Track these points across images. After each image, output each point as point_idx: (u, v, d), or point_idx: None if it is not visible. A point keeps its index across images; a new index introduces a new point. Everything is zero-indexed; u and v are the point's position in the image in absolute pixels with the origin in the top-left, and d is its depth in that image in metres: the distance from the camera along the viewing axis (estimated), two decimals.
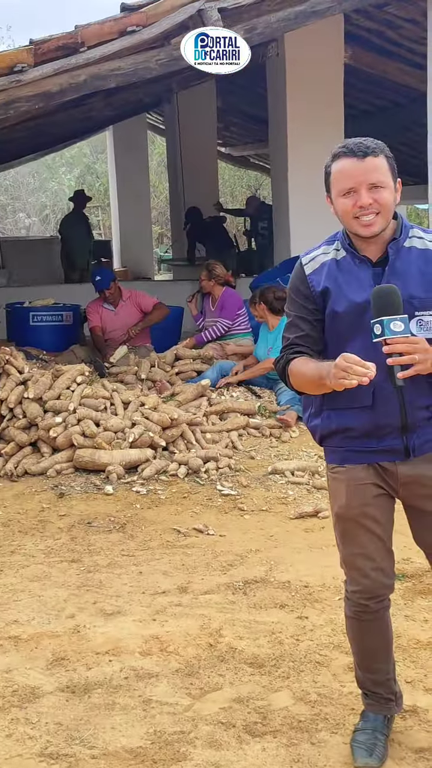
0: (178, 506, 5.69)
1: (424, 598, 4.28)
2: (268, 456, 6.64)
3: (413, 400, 2.78)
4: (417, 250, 2.82)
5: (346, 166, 2.72)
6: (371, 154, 2.70)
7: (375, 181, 2.70)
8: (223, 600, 4.31)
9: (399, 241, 2.81)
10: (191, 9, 6.46)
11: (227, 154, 20.80)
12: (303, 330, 2.87)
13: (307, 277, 2.88)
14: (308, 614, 4.13)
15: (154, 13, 6.45)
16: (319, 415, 2.93)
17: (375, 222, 2.72)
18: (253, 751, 3.08)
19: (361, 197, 2.69)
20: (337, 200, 2.76)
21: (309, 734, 3.17)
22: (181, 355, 8.35)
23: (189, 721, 3.26)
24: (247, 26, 6.86)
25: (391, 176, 2.76)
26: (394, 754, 3.06)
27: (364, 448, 2.86)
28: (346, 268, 2.83)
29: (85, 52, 6.40)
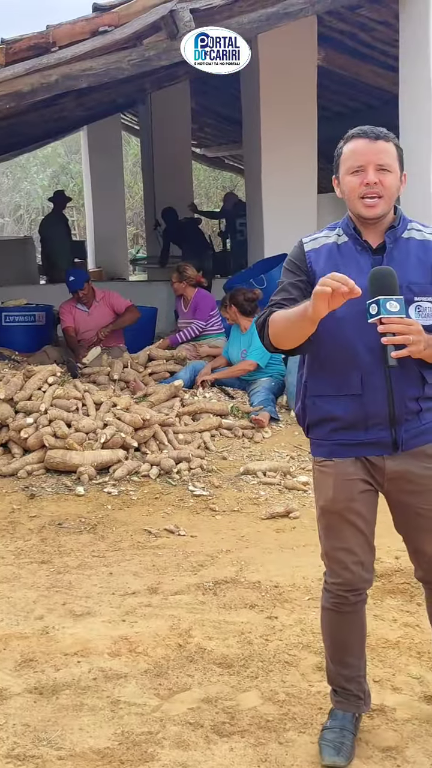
0: (150, 507, 5.68)
1: (393, 597, 4.30)
2: (240, 457, 6.65)
3: (402, 390, 2.82)
4: (416, 240, 2.89)
5: (357, 146, 2.82)
6: (383, 138, 2.82)
7: (383, 163, 2.79)
8: (193, 600, 4.31)
9: (397, 231, 2.88)
10: (163, 9, 6.45)
11: (202, 155, 20.84)
12: (292, 294, 2.89)
13: (306, 253, 2.93)
14: (278, 614, 4.14)
15: (126, 13, 6.44)
16: (305, 402, 2.97)
17: (378, 204, 2.80)
18: (220, 751, 3.08)
19: (368, 175, 2.78)
20: (344, 178, 2.85)
21: (277, 734, 3.18)
22: (154, 355, 8.36)
23: (157, 721, 3.26)
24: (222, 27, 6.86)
25: (399, 165, 2.84)
26: (361, 753, 3.07)
27: (351, 441, 2.89)
28: (346, 253, 2.88)
29: (57, 52, 6.38)
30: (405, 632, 3.95)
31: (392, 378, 2.80)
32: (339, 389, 2.86)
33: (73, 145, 27.80)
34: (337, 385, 2.85)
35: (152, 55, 6.74)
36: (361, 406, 2.84)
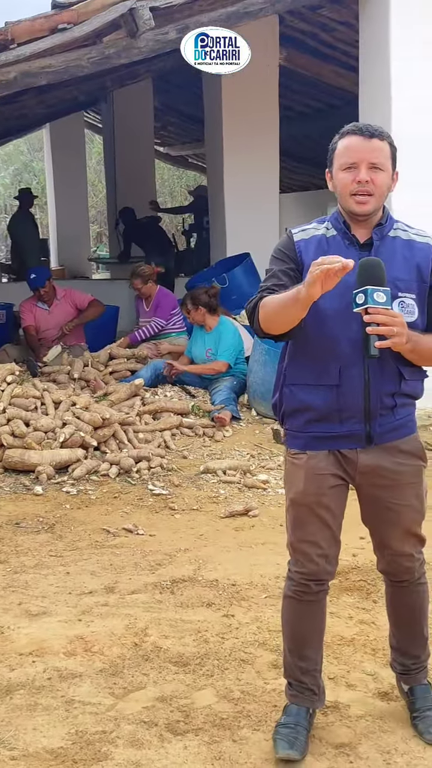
0: (109, 506, 5.67)
1: (350, 595, 4.32)
2: (200, 455, 6.65)
3: (379, 384, 2.87)
4: (401, 240, 2.95)
5: (352, 143, 2.86)
6: (377, 136, 2.85)
7: (376, 162, 2.84)
8: (150, 599, 4.30)
9: (384, 228, 2.94)
10: (122, 8, 6.43)
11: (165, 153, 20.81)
12: (282, 281, 2.91)
13: (296, 242, 2.96)
14: (234, 612, 4.15)
15: (85, 11, 6.41)
16: (283, 391, 3.02)
17: (368, 201, 2.84)
18: (174, 750, 3.08)
19: (361, 173, 2.82)
20: (338, 174, 2.89)
21: (231, 731, 3.19)
22: (115, 354, 8.34)
23: (111, 720, 3.26)
24: (179, 26, 6.86)
25: (391, 164, 2.89)
26: (314, 749, 3.08)
27: (326, 433, 2.93)
28: (334, 246, 2.91)
29: (15, 49, 6.34)
30: (360, 629, 3.98)
31: (371, 372, 2.85)
32: (317, 379, 2.90)
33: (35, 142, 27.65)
34: (315, 375, 2.90)
35: (112, 53, 6.72)
36: (337, 397, 2.88)
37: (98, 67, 6.81)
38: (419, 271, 2.93)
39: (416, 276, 2.92)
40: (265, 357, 7.43)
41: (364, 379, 2.86)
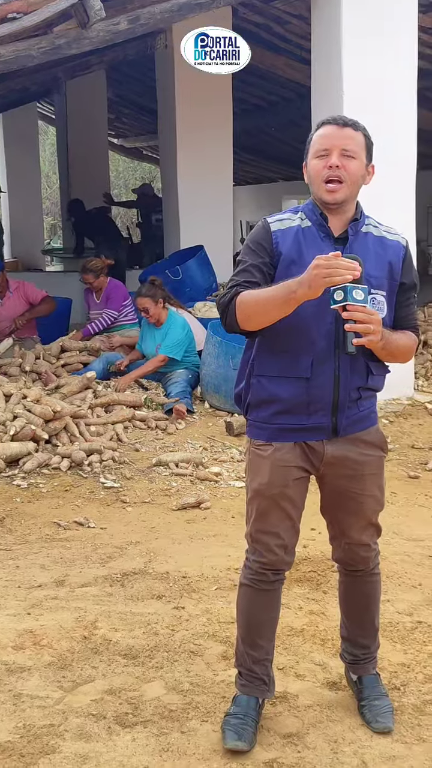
0: (60, 499, 5.64)
1: (300, 585, 4.35)
2: (153, 448, 6.64)
3: (348, 379, 2.90)
4: (373, 236, 2.98)
5: (326, 131, 2.92)
6: (351, 126, 2.91)
7: (348, 149, 2.86)
8: (100, 592, 4.29)
9: (359, 223, 2.95)
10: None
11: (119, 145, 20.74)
12: (255, 278, 2.89)
13: (272, 232, 2.94)
14: (185, 604, 4.15)
15: (36, 0, 6.35)
16: (250, 382, 3.01)
17: (339, 189, 2.85)
18: (122, 742, 3.08)
19: (332, 158, 2.84)
20: (311, 162, 2.92)
21: (180, 723, 3.19)
22: (67, 346, 8.29)
23: (59, 714, 3.25)
24: (131, 16, 6.81)
25: (365, 154, 2.91)
26: (262, 740, 3.10)
27: (293, 426, 2.95)
28: (309, 238, 2.92)
29: None
30: (310, 620, 4.00)
31: (341, 366, 2.88)
32: (287, 371, 2.90)
33: None
34: (286, 367, 2.90)
35: (63, 43, 6.66)
36: (307, 390, 2.90)
37: (49, 57, 6.75)
38: (391, 269, 2.96)
39: (387, 273, 2.96)
40: (218, 349, 7.44)
41: (334, 374, 2.89)
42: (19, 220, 16.57)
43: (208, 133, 10.51)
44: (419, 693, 3.42)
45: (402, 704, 3.33)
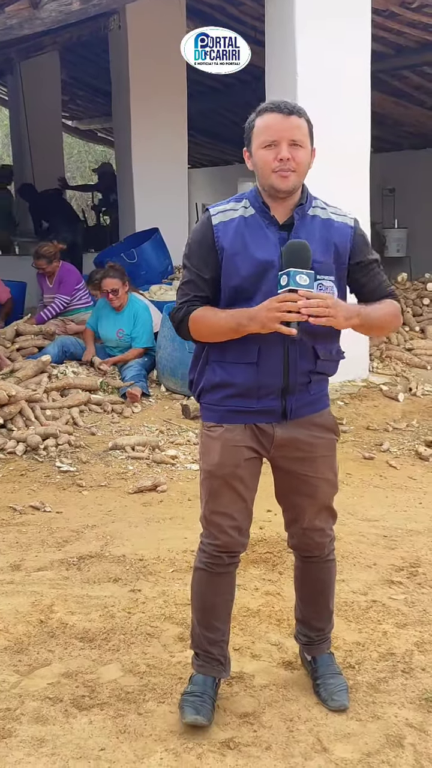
0: (15, 484, 5.62)
1: (256, 567, 4.37)
2: (109, 432, 6.63)
3: (297, 363, 2.92)
4: (320, 219, 2.96)
5: (270, 121, 2.85)
6: (296, 113, 2.86)
7: (296, 139, 2.84)
8: (57, 576, 4.28)
9: (304, 207, 2.94)
10: None
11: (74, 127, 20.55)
12: (204, 291, 2.95)
13: (214, 226, 2.93)
14: (141, 587, 4.16)
15: None
16: (205, 368, 3.03)
17: (290, 178, 2.84)
18: (79, 725, 3.09)
19: (282, 150, 2.83)
20: (258, 152, 2.87)
21: (136, 705, 3.20)
22: (22, 330, 8.24)
23: (16, 698, 3.24)
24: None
25: (310, 140, 2.90)
26: (219, 719, 3.12)
27: (243, 408, 2.97)
28: (253, 226, 2.92)
29: None
30: (266, 600, 4.02)
31: (289, 352, 2.90)
32: (238, 357, 2.92)
33: None
34: (236, 354, 2.92)
35: (14, 23, 6.59)
36: (256, 375, 2.92)
37: (1, 37, 6.67)
38: (337, 253, 2.95)
39: (334, 258, 2.95)
40: (173, 333, 7.40)
41: (283, 359, 2.91)
42: None
43: (163, 115, 10.46)
44: (373, 671, 3.46)
45: (357, 682, 3.37)
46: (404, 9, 9.16)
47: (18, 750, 2.94)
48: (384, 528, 4.95)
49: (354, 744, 3.01)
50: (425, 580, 4.29)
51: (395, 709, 3.21)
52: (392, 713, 3.19)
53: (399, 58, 10.76)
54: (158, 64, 10.25)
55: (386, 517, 5.12)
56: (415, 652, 3.61)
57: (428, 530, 4.94)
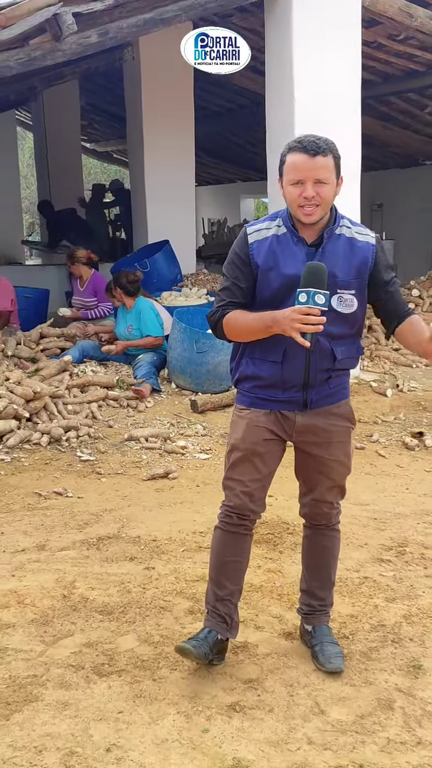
0: (40, 472, 5.61)
1: (259, 546, 4.36)
2: (125, 425, 6.62)
3: (317, 362, 3.01)
4: (345, 237, 3.03)
5: (297, 161, 2.91)
6: (321, 153, 2.89)
7: (320, 178, 2.90)
8: (78, 555, 4.28)
9: (332, 229, 3.00)
10: (47, 13, 6.29)
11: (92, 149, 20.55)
12: (237, 297, 3.05)
13: (249, 244, 3.04)
14: (155, 565, 4.16)
15: (13, 15, 6.26)
16: (240, 361, 3.14)
17: (315, 212, 2.92)
18: (99, 690, 3.09)
19: (307, 190, 2.89)
20: (287, 188, 2.95)
21: (151, 672, 3.20)
22: (45, 333, 8.22)
23: (42, 665, 3.24)
24: (101, 30, 6.74)
25: (335, 174, 2.95)
26: (225, 685, 3.12)
27: (269, 397, 3.09)
28: (284, 243, 3.01)
29: None
30: (268, 577, 4.02)
31: (311, 353, 2.97)
32: (265, 356, 3.05)
33: None
34: (265, 352, 3.04)
35: (38, 55, 6.58)
36: (280, 372, 3.04)
37: (25, 68, 6.65)
38: (358, 270, 3.02)
39: (356, 274, 3.01)
40: (183, 335, 7.42)
41: (305, 359, 2.99)
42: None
43: (173, 138, 10.45)
44: (366, 641, 3.46)
45: (351, 651, 3.37)
46: (391, 41, 9.13)
47: (44, 713, 2.95)
48: (374, 511, 4.95)
49: (348, 707, 3.01)
50: (412, 558, 4.29)
51: (386, 675, 3.21)
52: (383, 679, 3.19)
53: (386, 86, 10.73)
54: (168, 91, 10.22)
55: (376, 502, 5.12)
56: (403, 623, 3.61)
57: (414, 513, 4.94)
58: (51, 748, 2.76)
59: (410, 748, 2.81)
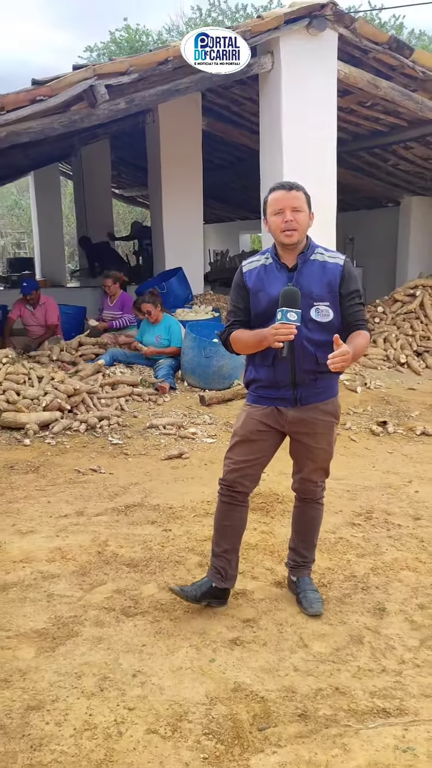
0: (79, 453, 5.61)
1: (254, 513, 4.35)
2: (147, 415, 6.61)
3: (301, 365, 3.01)
4: (318, 262, 3.03)
5: (278, 195, 2.97)
6: (295, 188, 2.98)
7: (296, 206, 2.94)
8: (110, 519, 4.28)
9: (306, 254, 3.02)
10: (84, 85, 6.30)
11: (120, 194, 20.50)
12: (239, 316, 3.08)
13: (243, 273, 3.09)
14: (171, 527, 4.15)
15: (57, 87, 6.26)
16: (248, 368, 3.18)
17: (294, 235, 2.94)
18: (127, 627, 3.09)
19: (286, 215, 2.93)
20: (270, 218, 2.98)
21: (168, 613, 3.20)
22: (83, 342, 8.23)
23: (81, 608, 3.24)
24: (127, 99, 6.73)
25: (307, 206, 2.98)
26: (228, 623, 3.12)
27: (267, 395, 3.10)
28: (270, 271, 3.04)
29: (4, 114, 6.17)
30: (262, 537, 4.02)
31: (296, 357, 2.99)
32: (263, 361, 3.07)
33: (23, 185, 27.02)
34: (262, 359, 3.07)
35: (77, 118, 6.58)
36: (273, 374, 3.05)
37: (67, 129, 6.66)
38: (330, 285, 3.00)
39: (328, 289, 3.00)
40: (193, 343, 7.41)
41: (290, 362, 2.99)
42: (46, 250, 16.34)
43: (185, 185, 10.42)
44: (340, 588, 3.46)
45: (328, 597, 3.36)
46: (360, 107, 9.10)
47: (83, 645, 2.95)
48: (347, 485, 4.94)
49: (327, 642, 3.01)
50: (377, 522, 4.28)
51: (357, 616, 3.21)
52: (354, 619, 3.18)
53: (356, 143, 10.69)
54: (181, 148, 10.20)
55: (348, 477, 5.11)
56: (370, 575, 3.60)
57: (379, 486, 4.93)
58: (88, 674, 2.77)
59: (376, 674, 2.81)
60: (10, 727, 2.49)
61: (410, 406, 7.04)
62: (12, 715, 2.55)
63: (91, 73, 6.33)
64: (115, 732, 2.47)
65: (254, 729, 2.49)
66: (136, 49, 19.72)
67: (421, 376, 8.24)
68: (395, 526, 4.22)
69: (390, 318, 9.47)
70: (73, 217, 23.86)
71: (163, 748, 2.39)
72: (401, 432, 6.26)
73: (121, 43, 20.79)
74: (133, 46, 20.16)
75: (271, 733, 2.48)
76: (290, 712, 2.58)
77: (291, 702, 2.63)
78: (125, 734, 2.45)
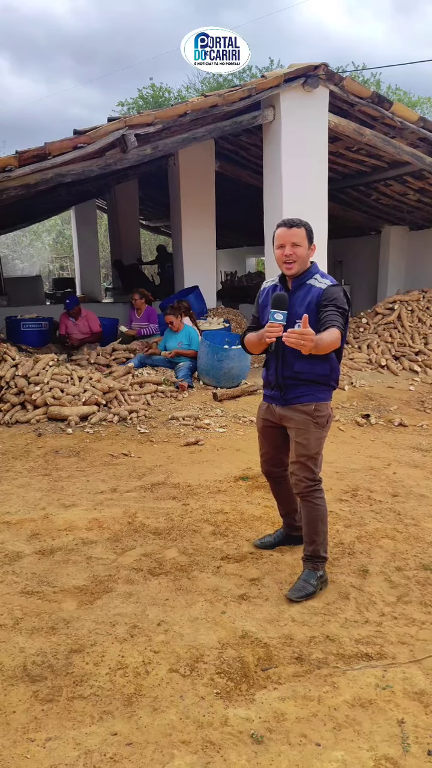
0: (113, 441, 5.63)
1: (259, 491, 4.36)
2: (169, 409, 6.61)
3: (281, 369, 3.00)
4: (308, 285, 2.97)
5: (280, 232, 2.94)
6: (295, 226, 2.91)
7: (295, 241, 2.91)
8: (138, 495, 4.30)
9: (300, 279, 2.97)
10: (117, 134, 6.32)
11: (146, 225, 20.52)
12: (253, 324, 3.16)
13: (260, 291, 3.16)
14: (189, 502, 4.16)
15: (95, 135, 6.28)
16: (262, 371, 3.19)
17: (293, 267, 2.93)
18: (152, 585, 3.10)
19: (286, 250, 2.92)
20: (275, 251, 2.98)
21: (187, 573, 3.21)
22: (116, 348, 8.24)
23: (114, 568, 3.26)
24: (154, 145, 6.75)
25: (307, 241, 2.93)
26: (237, 582, 3.12)
27: (266, 393, 3.15)
28: (276, 290, 3.03)
29: (51, 158, 6.20)
30: (265, 511, 4.01)
31: (279, 362, 2.99)
32: (264, 365, 3.11)
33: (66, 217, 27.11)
34: (264, 363, 3.11)
35: (111, 162, 6.60)
36: (266, 375, 3.08)
37: (103, 171, 6.68)
38: (309, 304, 2.92)
39: (306, 308, 2.92)
40: (208, 349, 7.41)
41: (275, 365, 3.00)
42: (85, 271, 16.37)
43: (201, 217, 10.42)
44: (330, 554, 3.43)
45: None
46: (348, 151, 9.08)
47: (116, 600, 2.97)
48: (336, 467, 4.93)
49: (318, 598, 3.01)
50: (362, 499, 4.27)
51: (344, 576, 3.21)
52: (342, 579, 3.18)
53: (344, 181, 10.66)
54: (198, 186, 10.20)
55: (337, 461, 5.10)
56: (356, 542, 3.60)
57: (363, 468, 4.92)
58: (120, 623, 2.78)
59: (360, 625, 2.81)
60: (56, 666, 2.52)
61: (389, 402, 7.02)
62: (58, 656, 2.57)
63: (122, 124, 6.36)
64: (143, 671, 2.48)
65: (258, 669, 2.50)
66: (160, 103, 19.76)
67: (398, 377, 8.21)
68: (377, 501, 4.21)
69: (372, 328, 9.43)
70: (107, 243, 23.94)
71: (183, 685, 2.41)
72: (382, 423, 6.24)
73: (147, 98, 20.82)
74: (158, 101, 20.19)
75: (272, 672, 2.49)
76: (288, 656, 2.59)
77: (289, 647, 2.64)
78: (151, 673, 2.47)
